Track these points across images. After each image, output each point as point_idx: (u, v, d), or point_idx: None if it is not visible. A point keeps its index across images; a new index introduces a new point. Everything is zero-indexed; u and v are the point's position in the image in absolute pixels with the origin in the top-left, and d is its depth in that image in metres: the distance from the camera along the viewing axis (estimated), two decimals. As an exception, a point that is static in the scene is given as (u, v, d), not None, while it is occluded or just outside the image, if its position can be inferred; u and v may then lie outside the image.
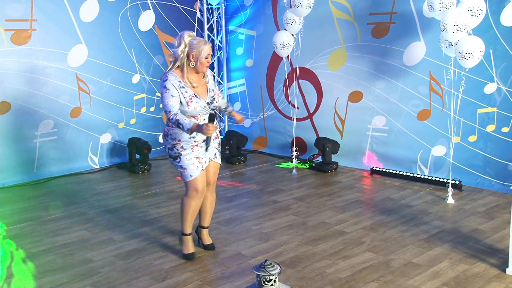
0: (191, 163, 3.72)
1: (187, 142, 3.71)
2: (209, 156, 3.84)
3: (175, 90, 3.61)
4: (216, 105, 3.87)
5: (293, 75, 6.68)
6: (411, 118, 5.90)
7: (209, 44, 3.71)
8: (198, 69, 3.69)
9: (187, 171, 3.73)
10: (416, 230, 4.41)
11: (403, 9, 5.77)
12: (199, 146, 3.74)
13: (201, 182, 3.77)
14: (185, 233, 3.93)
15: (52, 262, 3.91)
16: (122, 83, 6.78)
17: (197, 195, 3.79)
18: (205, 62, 3.67)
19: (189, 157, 3.72)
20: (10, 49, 5.73)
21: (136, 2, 6.73)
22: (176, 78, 3.65)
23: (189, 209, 3.84)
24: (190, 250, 3.93)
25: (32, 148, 6.10)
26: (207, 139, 3.60)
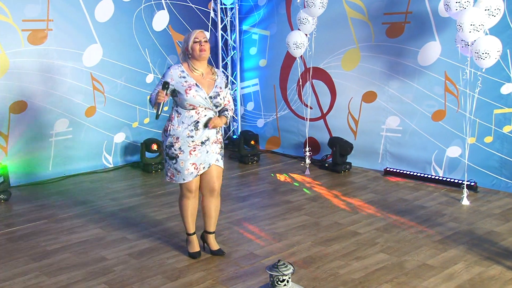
0: (185, 169, 3.70)
1: (185, 141, 3.65)
2: (209, 162, 3.76)
3: (170, 80, 3.64)
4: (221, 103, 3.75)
5: (306, 75, 6.67)
6: (426, 118, 5.85)
7: (198, 30, 3.69)
8: (196, 57, 3.66)
9: (180, 175, 3.72)
10: (430, 232, 4.37)
11: (418, 8, 5.72)
12: (198, 150, 3.69)
13: (194, 183, 3.77)
14: (189, 233, 3.95)
15: (67, 260, 3.95)
16: (136, 82, 6.83)
17: (191, 195, 3.81)
18: (196, 47, 3.63)
19: (185, 162, 3.68)
20: (26, 49, 5.80)
21: (150, 2, 6.77)
22: (179, 68, 3.69)
23: (186, 209, 3.85)
24: (195, 249, 3.95)
25: (47, 146, 6.17)
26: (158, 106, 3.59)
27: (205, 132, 3.70)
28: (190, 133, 3.65)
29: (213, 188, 3.84)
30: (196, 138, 3.67)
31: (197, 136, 3.67)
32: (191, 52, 3.66)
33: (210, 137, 3.74)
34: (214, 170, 3.82)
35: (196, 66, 3.70)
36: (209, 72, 3.76)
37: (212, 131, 3.74)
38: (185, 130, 3.65)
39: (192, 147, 3.68)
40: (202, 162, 3.74)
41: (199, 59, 3.68)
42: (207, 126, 3.69)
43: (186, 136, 3.66)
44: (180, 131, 3.66)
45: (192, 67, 3.70)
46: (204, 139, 3.70)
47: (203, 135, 3.70)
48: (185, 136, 3.66)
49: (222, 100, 3.75)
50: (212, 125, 3.69)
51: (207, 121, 3.69)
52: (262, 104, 7.61)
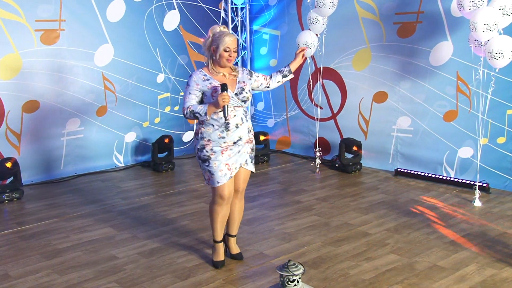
0: (219, 170, 3.55)
1: (217, 142, 3.55)
2: (240, 162, 3.64)
3: (196, 85, 3.52)
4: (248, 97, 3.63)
5: (317, 75, 6.65)
6: (437, 119, 5.81)
7: (231, 36, 3.49)
8: (219, 62, 3.53)
9: (214, 177, 3.57)
10: (441, 233, 4.34)
11: (430, 8, 5.68)
12: (230, 150, 3.58)
13: (227, 189, 3.61)
14: (216, 240, 3.80)
15: (78, 258, 3.98)
16: (147, 82, 6.85)
17: (223, 202, 3.65)
18: (225, 55, 3.48)
19: (218, 162, 3.55)
20: (39, 49, 5.85)
21: (161, 2, 6.79)
22: (201, 72, 3.57)
23: (216, 216, 3.70)
24: (220, 258, 3.80)
25: (59, 146, 6.21)
26: (224, 109, 3.41)
27: (236, 132, 3.58)
28: (221, 134, 3.54)
29: (237, 188, 3.73)
30: (228, 139, 3.56)
31: (228, 137, 3.55)
32: (217, 58, 3.52)
33: (243, 137, 3.62)
34: (242, 172, 3.71)
35: (217, 69, 3.59)
36: (230, 70, 3.64)
37: (244, 131, 3.62)
38: (216, 131, 3.54)
39: (224, 147, 3.57)
40: (234, 162, 3.61)
41: (222, 66, 3.57)
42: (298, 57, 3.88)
43: (218, 137, 3.55)
44: (210, 133, 3.55)
45: (213, 69, 3.58)
46: (236, 139, 3.59)
47: (235, 135, 3.58)
48: (216, 138, 3.55)
49: (248, 93, 3.61)
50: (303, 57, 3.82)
51: None
52: (273, 104, 7.61)
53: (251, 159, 3.72)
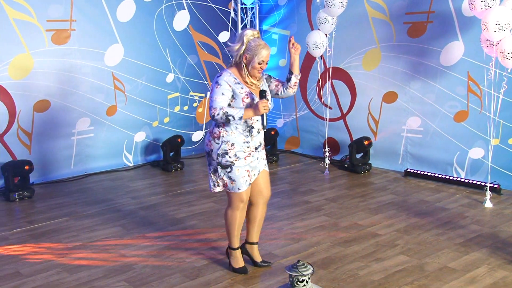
0: (241, 176, 3.47)
1: (241, 147, 3.46)
2: (258, 168, 3.59)
3: (228, 86, 3.39)
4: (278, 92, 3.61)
5: (326, 75, 6.63)
6: (448, 119, 5.77)
7: (268, 49, 3.42)
8: (249, 72, 3.44)
9: (235, 184, 3.48)
10: (452, 234, 4.31)
11: (441, 8, 5.64)
12: (252, 157, 3.52)
13: (246, 193, 3.55)
14: (233, 248, 3.70)
15: (88, 257, 4.00)
16: (157, 82, 6.88)
17: (243, 205, 3.59)
18: (257, 67, 3.40)
19: (241, 169, 3.47)
20: (50, 49, 5.89)
21: (171, 2, 6.81)
22: (231, 75, 3.44)
23: (235, 221, 3.61)
24: (241, 264, 3.71)
25: (69, 145, 6.26)
26: (262, 117, 3.40)
27: (258, 138, 3.54)
28: (246, 138, 3.48)
29: (266, 196, 3.69)
30: (252, 144, 3.51)
31: (252, 141, 3.50)
32: (249, 67, 3.42)
33: (262, 142, 3.60)
34: (264, 177, 3.65)
35: (247, 78, 3.47)
36: (256, 78, 3.53)
37: (262, 137, 3.58)
38: (240, 135, 3.46)
39: (247, 153, 3.50)
40: (253, 168, 3.56)
41: (250, 75, 3.46)
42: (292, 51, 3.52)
43: (242, 142, 3.46)
44: (235, 136, 3.45)
45: (245, 75, 3.46)
46: (257, 144, 3.55)
47: (257, 141, 3.54)
48: (241, 142, 3.46)
49: (271, 104, 3.52)
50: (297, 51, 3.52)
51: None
52: (282, 104, 7.60)
53: (266, 161, 3.71)
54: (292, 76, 3.60)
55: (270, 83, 3.67)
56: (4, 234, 4.51)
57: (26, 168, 5.44)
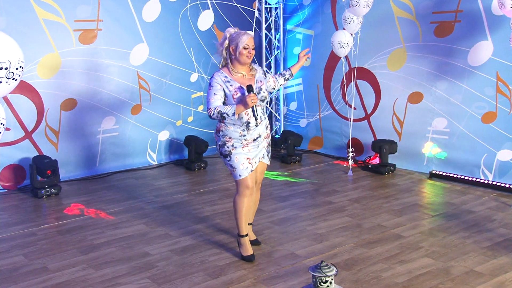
0: (240, 163, 3.72)
1: (238, 140, 3.72)
2: (259, 157, 3.83)
3: (219, 86, 3.65)
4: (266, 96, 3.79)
5: (350, 75, 6.58)
6: (475, 120, 5.66)
7: (248, 34, 3.67)
8: (239, 60, 3.67)
9: (236, 171, 3.75)
10: (478, 237, 4.23)
11: (469, 7, 5.54)
12: (250, 146, 3.75)
13: (251, 180, 3.79)
14: (242, 234, 3.90)
15: (112, 254, 4.06)
16: (181, 81, 6.93)
17: (249, 192, 3.81)
18: (244, 52, 3.63)
19: (239, 156, 3.73)
20: (77, 49, 5.99)
21: (196, 2, 6.85)
22: (222, 74, 3.69)
23: (242, 207, 3.82)
24: (249, 251, 3.90)
25: (95, 143, 6.35)
26: (253, 109, 3.59)
27: (256, 130, 3.75)
28: (242, 132, 3.71)
29: (256, 180, 3.93)
30: (249, 137, 3.74)
31: (249, 135, 3.73)
32: (237, 56, 3.66)
33: (262, 134, 3.80)
34: (259, 166, 3.92)
35: (236, 69, 3.71)
36: (248, 70, 3.78)
37: (262, 128, 3.79)
38: (237, 130, 3.71)
39: (244, 144, 3.75)
40: (254, 156, 3.79)
41: (241, 63, 3.70)
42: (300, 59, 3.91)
43: (239, 135, 3.72)
44: (232, 130, 3.72)
45: (232, 70, 3.71)
46: (256, 136, 3.76)
47: (255, 133, 3.75)
48: (237, 136, 3.72)
49: (265, 92, 3.77)
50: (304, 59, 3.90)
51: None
52: (305, 104, 7.57)
53: (268, 152, 3.93)
54: (288, 74, 4.00)
55: (269, 79, 3.91)
56: (32, 229, 4.61)
57: (49, 173, 5.53)
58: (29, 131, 5.84)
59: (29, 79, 5.71)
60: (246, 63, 3.71)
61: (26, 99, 5.74)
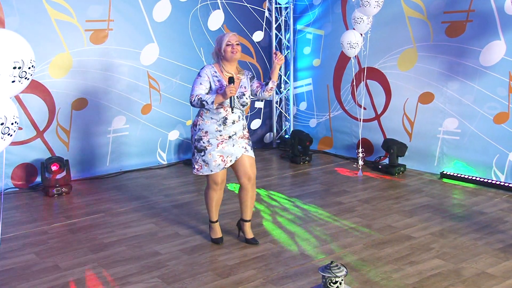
0: (213, 160, 3.90)
1: (214, 135, 3.88)
2: (236, 155, 3.95)
3: (206, 78, 3.87)
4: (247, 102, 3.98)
5: (360, 75, 6.56)
6: (487, 121, 5.61)
7: (231, 33, 3.89)
8: (226, 57, 3.88)
9: (208, 166, 3.93)
10: (490, 239, 4.19)
11: (482, 6, 5.49)
12: (225, 143, 3.91)
13: (221, 176, 3.98)
14: (212, 220, 4.20)
15: (123, 253, 4.08)
16: (191, 81, 6.81)
17: (217, 187, 4.03)
18: (228, 49, 3.84)
19: (213, 153, 3.90)
20: (88, 48, 6.03)
21: (206, 2, 6.87)
22: (212, 68, 3.92)
23: (211, 200, 4.10)
24: (218, 235, 4.21)
25: (105, 143, 6.39)
26: (231, 100, 3.74)
27: (232, 128, 3.92)
28: (219, 127, 3.88)
29: (249, 176, 4.03)
30: (224, 133, 3.90)
31: (224, 131, 3.90)
32: (223, 54, 3.88)
33: (237, 132, 3.95)
34: (246, 160, 4.01)
35: (226, 68, 3.93)
36: (237, 72, 3.99)
37: (239, 127, 3.96)
38: (213, 125, 3.88)
39: (219, 140, 3.91)
40: (229, 155, 3.94)
41: (230, 61, 3.91)
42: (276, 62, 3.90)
43: (215, 130, 3.89)
44: (208, 125, 3.89)
45: (223, 68, 3.93)
46: (231, 133, 3.92)
47: (231, 130, 3.92)
48: (213, 131, 3.89)
49: (247, 99, 3.96)
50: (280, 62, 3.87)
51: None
52: (315, 104, 7.56)
53: (250, 146, 4.05)
54: (270, 82, 3.98)
55: (253, 83, 4.04)
56: (43, 228, 4.65)
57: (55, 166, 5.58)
58: (41, 130, 5.89)
59: (41, 79, 5.76)
60: (233, 59, 3.90)
61: (38, 98, 5.79)
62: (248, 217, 4.20)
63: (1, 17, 5.38)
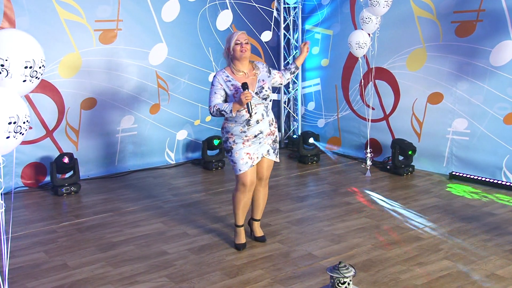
0: (240, 158, 3.87)
1: (239, 136, 3.87)
2: (261, 153, 3.94)
3: (219, 86, 3.84)
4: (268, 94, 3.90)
5: (369, 75, 6.53)
6: (497, 121, 5.57)
7: (239, 32, 3.87)
8: (237, 57, 3.85)
9: (236, 165, 3.90)
10: (500, 240, 4.15)
11: (492, 6, 5.45)
12: (251, 142, 3.88)
13: (249, 177, 3.91)
14: (238, 225, 4.12)
15: (131, 252, 4.09)
16: (199, 81, 6.95)
17: (245, 189, 3.95)
18: (237, 48, 3.82)
19: (239, 152, 3.88)
20: (97, 48, 6.06)
21: (215, 2, 6.87)
22: (223, 73, 3.89)
23: (239, 202, 4.02)
24: (242, 240, 4.12)
25: (114, 142, 6.42)
26: (248, 106, 3.69)
27: (257, 127, 3.86)
28: (243, 129, 3.85)
29: (261, 176, 4.03)
30: (249, 133, 3.87)
31: (249, 131, 3.86)
32: (232, 53, 3.86)
33: (264, 131, 3.90)
34: (265, 162, 4.01)
35: (238, 67, 3.90)
36: (251, 69, 3.94)
37: (265, 125, 3.90)
38: (237, 127, 3.86)
39: (245, 140, 3.89)
40: (256, 152, 3.92)
41: (240, 60, 3.87)
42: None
43: (239, 132, 3.87)
44: (233, 127, 3.88)
45: (234, 68, 3.89)
46: (257, 132, 3.88)
47: (256, 129, 3.87)
48: (238, 132, 3.87)
49: (268, 91, 3.90)
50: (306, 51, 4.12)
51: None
52: (323, 104, 7.54)
53: (273, 149, 4.02)
54: (293, 67, 4.16)
55: (274, 75, 4.06)
56: (52, 227, 4.68)
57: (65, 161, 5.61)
58: (50, 130, 5.92)
59: (51, 79, 5.79)
60: (242, 58, 3.86)
61: (47, 98, 5.83)
62: (258, 216, 4.23)
63: (12, 17, 5.42)
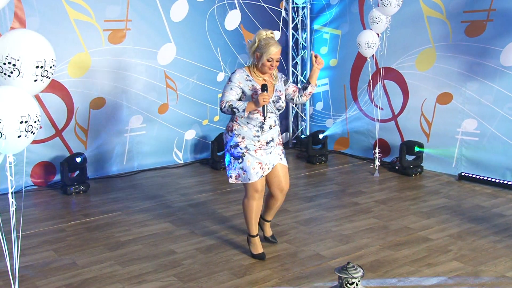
0: (251, 167, 3.68)
1: (252, 140, 3.69)
2: (273, 162, 3.77)
3: (238, 83, 3.65)
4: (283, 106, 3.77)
5: (377, 75, 6.50)
6: (507, 122, 5.52)
7: (276, 46, 3.58)
8: (261, 70, 3.67)
9: (246, 174, 3.70)
10: (510, 242, 4.12)
11: (503, 5, 5.41)
12: (263, 150, 3.72)
13: (260, 183, 3.74)
14: (252, 235, 3.91)
15: (139, 251, 4.11)
16: (207, 81, 6.96)
17: (258, 195, 3.77)
18: (267, 64, 3.60)
19: (252, 160, 3.68)
20: (106, 48, 6.09)
21: (223, 2, 6.88)
22: (244, 72, 3.70)
23: (251, 210, 3.82)
24: (259, 250, 3.91)
25: (122, 142, 6.44)
26: (263, 108, 3.54)
27: (269, 133, 3.73)
28: (256, 133, 3.69)
29: (283, 188, 3.89)
30: (262, 138, 3.71)
31: (262, 136, 3.70)
32: (259, 64, 3.65)
33: (274, 138, 3.78)
34: (280, 170, 3.84)
35: (258, 73, 3.72)
36: (271, 77, 3.77)
37: (276, 132, 3.78)
38: (251, 130, 3.69)
39: (257, 146, 3.71)
40: (267, 162, 3.75)
41: (262, 72, 3.70)
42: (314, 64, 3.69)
43: (253, 135, 3.69)
44: (246, 130, 3.69)
45: (255, 72, 3.71)
46: (269, 139, 3.74)
47: (268, 135, 3.73)
48: (251, 136, 3.69)
49: (283, 103, 3.77)
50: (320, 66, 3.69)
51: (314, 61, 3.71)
52: (332, 104, 7.52)
53: (284, 154, 3.90)
54: (309, 86, 3.80)
55: (288, 87, 3.85)
56: (61, 226, 4.70)
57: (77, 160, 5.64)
58: (59, 129, 5.96)
59: (60, 78, 5.82)
60: (266, 73, 3.70)
61: (56, 97, 5.86)
62: (270, 218, 4.12)
63: (22, 17, 5.46)
